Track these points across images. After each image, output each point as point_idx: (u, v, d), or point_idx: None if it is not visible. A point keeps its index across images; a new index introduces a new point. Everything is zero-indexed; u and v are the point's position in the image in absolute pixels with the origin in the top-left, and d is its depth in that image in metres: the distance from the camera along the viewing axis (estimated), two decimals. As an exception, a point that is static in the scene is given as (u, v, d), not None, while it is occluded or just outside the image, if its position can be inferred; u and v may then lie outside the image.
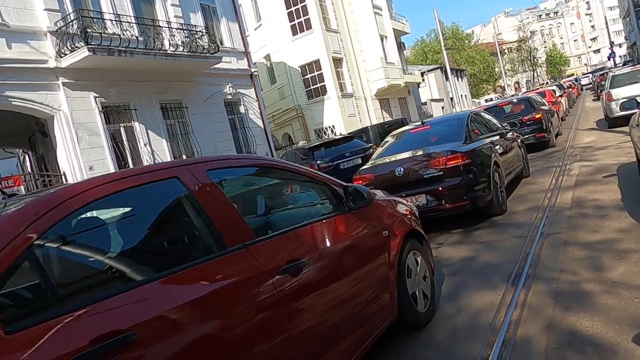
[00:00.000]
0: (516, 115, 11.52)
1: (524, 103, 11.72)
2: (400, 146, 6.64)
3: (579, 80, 50.79)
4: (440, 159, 5.55)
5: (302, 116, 25.15)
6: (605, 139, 11.17)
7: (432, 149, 5.90)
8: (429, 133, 6.64)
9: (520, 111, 11.61)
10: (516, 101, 11.98)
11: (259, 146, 17.47)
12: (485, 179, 5.77)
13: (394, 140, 7.04)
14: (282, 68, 25.62)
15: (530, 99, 11.67)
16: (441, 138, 6.31)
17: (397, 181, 5.75)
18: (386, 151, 6.66)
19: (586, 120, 17.29)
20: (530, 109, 11.44)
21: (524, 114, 11.41)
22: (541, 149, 11.72)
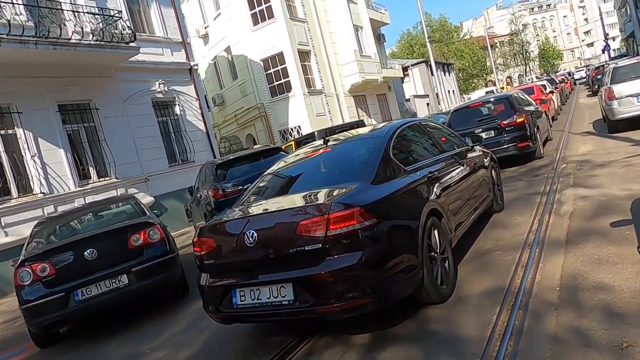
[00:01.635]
0: (493, 120, 9.00)
1: (502, 103, 9.19)
2: (280, 184, 4.09)
3: (572, 74, 48.47)
4: (318, 218, 2.99)
5: (265, 115, 22.55)
6: (606, 149, 8.67)
7: (314, 197, 3.36)
8: (326, 160, 4.09)
9: (499, 114, 9.09)
10: (493, 101, 9.46)
11: (200, 153, 14.87)
12: (408, 249, 3.24)
13: (280, 170, 4.43)
14: (243, 62, 22.98)
15: (510, 98, 9.13)
16: (340, 172, 3.78)
17: (246, 256, 3.21)
18: (256, 193, 4.06)
19: (581, 121, 14.81)
20: (510, 111, 8.92)
21: (502, 118, 8.89)
22: (524, 162, 9.21)
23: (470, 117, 9.36)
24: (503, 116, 8.90)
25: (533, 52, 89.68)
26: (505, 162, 9.28)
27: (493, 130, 8.89)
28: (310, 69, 22.96)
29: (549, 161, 8.93)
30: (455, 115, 9.57)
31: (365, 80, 24.96)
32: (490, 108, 9.40)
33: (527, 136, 8.80)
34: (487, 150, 6.10)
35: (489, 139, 8.93)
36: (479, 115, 9.29)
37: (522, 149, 8.79)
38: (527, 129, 8.81)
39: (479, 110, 9.46)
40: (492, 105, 9.38)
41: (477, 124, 9.06)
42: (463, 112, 9.60)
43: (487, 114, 9.30)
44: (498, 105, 9.27)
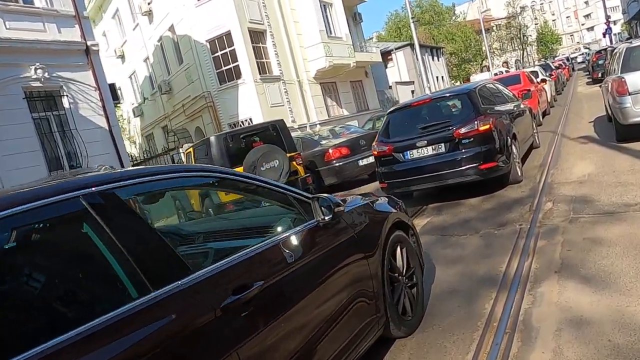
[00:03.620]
0: (444, 127, 5.88)
1: (460, 101, 6.08)
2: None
3: (571, 59, 45.20)
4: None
5: (213, 106, 19.38)
6: (616, 171, 5.63)
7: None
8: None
9: (454, 118, 5.98)
10: (448, 96, 6.31)
11: (99, 156, 11.76)
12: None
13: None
14: (187, 43, 19.72)
15: (472, 94, 5.98)
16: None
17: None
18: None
19: (578, 117, 11.71)
20: (470, 114, 5.80)
21: (458, 124, 5.77)
22: (490, 190, 6.17)
23: (412, 123, 6.26)
24: (459, 122, 5.79)
25: (531, 36, 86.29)
26: (462, 187, 6.22)
27: (444, 144, 5.81)
28: (265, 52, 19.72)
29: (528, 190, 5.87)
30: (392, 120, 6.48)
31: (333, 65, 21.73)
32: (442, 108, 6.28)
33: (494, 152, 5.73)
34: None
35: (437, 156, 5.86)
36: (425, 119, 6.18)
37: (486, 172, 5.71)
38: (494, 142, 5.73)
39: (425, 111, 6.33)
40: (445, 104, 6.26)
41: (421, 134, 5.97)
42: (403, 116, 6.50)
43: (436, 117, 6.19)
44: (453, 105, 6.15)
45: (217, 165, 7.97)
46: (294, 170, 8.55)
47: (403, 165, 6.10)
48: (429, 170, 5.89)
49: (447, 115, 6.10)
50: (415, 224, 5.59)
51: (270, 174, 7.95)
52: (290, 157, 8.51)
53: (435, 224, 5.38)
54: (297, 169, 8.63)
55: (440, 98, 6.32)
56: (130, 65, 26.07)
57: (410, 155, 6.03)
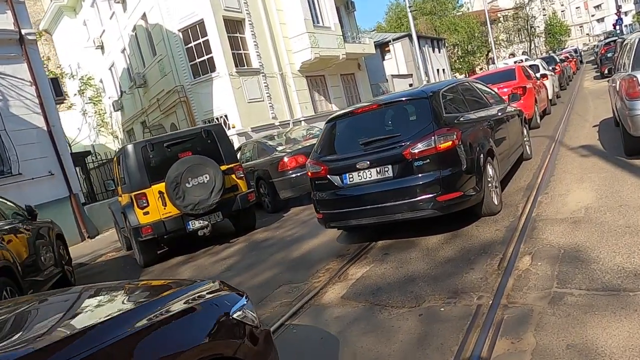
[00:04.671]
0: (392, 143, 4.38)
1: (416, 105, 4.56)
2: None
3: (579, 51, 43.21)
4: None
5: (187, 101, 17.92)
6: (624, 205, 4.14)
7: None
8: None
9: (406, 128, 4.47)
10: (403, 100, 4.75)
11: (34, 161, 10.38)
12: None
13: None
14: (159, 33, 18.23)
15: (434, 99, 4.42)
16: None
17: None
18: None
19: (582, 120, 10.16)
20: (428, 126, 4.28)
21: (410, 138, 4.27)
22: (457, 224, 4.70)
23: (353, 136, 4.77)
24: (412, 136, 4.29)
25: (539, 27, 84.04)
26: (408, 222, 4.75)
27: (391, 166, 4.32)
28: (243, 43, 18.20)
29: (504, 228, 4.39)
30: (329, 132, 4.98)
31: (319, 57, 20.18)
32: (393, 118, 4.77)
33: (459, 178, 4.24)
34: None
35: (383, 183, 4.37)
36: (369, 132, 4.69)
37: (447, 205, 4.22)
38: (460, 163, 4.25)
39: (370, 121, 4.82)
40: (397, 111, 4.74)
41: (362, 152, 4.48)
42: (343, 126, 4.99)
43: (383, 130, 4.69)
44: (407, 113, 4.65)
45: (134, 181, 6.54)
46: (232, 186, 7.09)
47: (341, 192, 4.63)
48: (372, 200, 4.42)
49: (398, 126, 4.59)
50: (348, 275, 4.14)
51: (198, 191, 6.50)
52: (228, 169, 7.05)
53: (370, 281, 3.92)
54: (237, 184, 7.16)
55: (390, 103, 4.79)
56: (110, 56, 24.65)
57: (349, 179, 4.55)
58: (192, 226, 6.69)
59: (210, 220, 6.75)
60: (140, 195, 6.48)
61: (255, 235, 7.26)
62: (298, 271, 4.71)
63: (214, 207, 6.61)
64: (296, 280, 4.43)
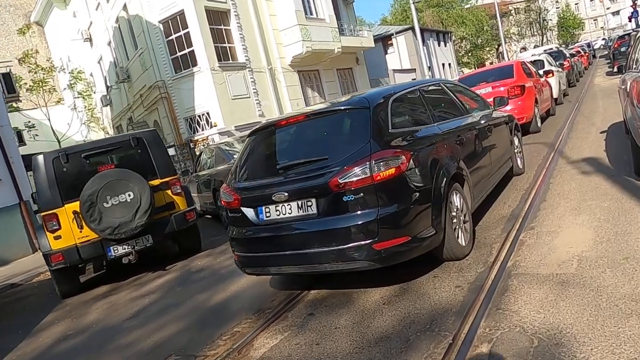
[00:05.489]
0: (317, 170, 3.27)
1: (354, 118, 3.38)
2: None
3: (592, 46, 41.51)
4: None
5: (168, 97, 16.88)
6: (631, 257, 2.99)
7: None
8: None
9: (337, 148, 3.34)
10: (339, 110, 3.49)
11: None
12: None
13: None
14: (139, 24, 17.18)
15: (376, 107, 3.24)
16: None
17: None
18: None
19: (589, 122, 8.93)
20: (364, 144, 3.15)
21: (339, 162, 3.15)
22: (411, 270, 3.57)
23: (273, 157, 3.68)
24: (342, 160, 3.17)
25: (551, 20, 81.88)
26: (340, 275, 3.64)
27: (315, 200, 3.21)
28: (228, 36, 17.09)
29: (467, 284, 3.26)
30: (249, 150, 3.83)
31: (311, 51, 19.01)
32: (323, 133, 3.61)
33: (404, 217, 3.12)
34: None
35: (305, 221, 3.28)
36: (292, 151, 3.58)
37: (388, 254, 3.10)
38: (408, 198, 3.13)
39: (295, 137, 3.68)
40: (329, 125, 3.57)
41: (281, 179, 3.38)
42: (264, 142, 3.83)
43: (309, 150, 3.55)
44: (342, 126, 3.51)
45: (44, 199, 5.49)
46: (166, 204, 6.01)
47: (256, 230, 3.53)
48: (292, 244, 3.33)
49: (328, 146, 3.46)
50: (251, 348, 3.05)
51: (119, 212, 5.44)
52: (162, 184, 5.97)
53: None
54: (173, 201, 6.09)
55: (321, 114, 3.65)
56: (97, 49, 23.67)
57: (265, 214, 3.45)
58: (114, 253, 5.63)
59: (136, 245, 5.68)
60: (51, 217, 5.44)
61: (195, 261, 6.19)
62: (203, 331, 3.64)
63: (139, 230, 5.54)
64: (190, 348, 3.35)
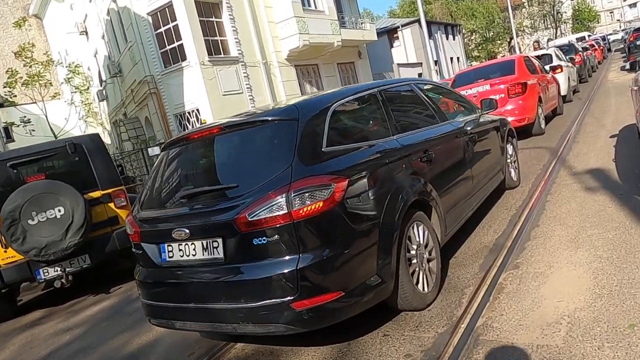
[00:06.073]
0: (224, 202, 2.50)
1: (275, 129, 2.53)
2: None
3: (607, 39, 39.99)
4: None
5: (157, 93, 16.19)
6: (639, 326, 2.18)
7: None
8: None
9: (252, 173, 2.56)
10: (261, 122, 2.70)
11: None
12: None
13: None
14: (128, 16, 16.48)
15: (313, 119, 2.47)
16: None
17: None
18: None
19: (598, 123, 8.04)
20: (284, 167, 2.38)
21: (250, 193, 2.38)
22: (358, 325, 2.78)
23: (180, 180, 2.91)
24: (255, 190, 2.40)
25: (566, 13, 79.90)
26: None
27: (221, 241, 2.44)
28: (220, 28, 16.32)
29: (418, 355, 2.48)
30: (161, 168, 3.05)
31: (309, 44, 18.17)
32: (240, 151, 2.78)
33: (335, 266, 2.35)
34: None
35: (211, 267, 2.53)
36: (200, 174, 2.81)
37: (310, 316, 2.33)
38: (341, 240, 2.36)
39: (206, 155, 2.85)
40: (248, 140, 2.77)
41: (186, 210, 2.62)
42: (173, 161, 3.00)
43: (218, 174, 2.77)
44: (261, 143, 2.71)
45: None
46: (107, 219, 5.29)
47: (159, 273, 2.78)
48: (196, 296, 2.58)
49: (242, 169, 2.66)
50: None
51: (47, 230, 4.73)
52: (103, 196, 5.25)
53: None
54: (116, 216, 5.36)
55: (240, 126, 2.82)
56: (92, 43, 23.07)
57: (169, 253, 2.70)
58: (44, 275, 4.93)
59: (71, 267, 4.98)
60: (-31, 235, 4.75)
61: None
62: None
63: (72, 250, 4.83)
64: None
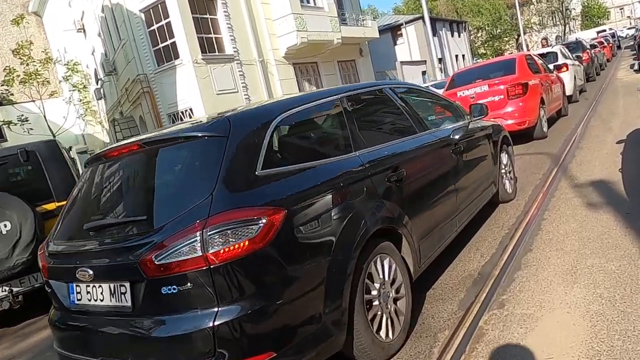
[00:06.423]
0: (131, 239, 2.03)
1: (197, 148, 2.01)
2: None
3: (617, 35, 39.16)
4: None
5: (150, 92, 15.80)
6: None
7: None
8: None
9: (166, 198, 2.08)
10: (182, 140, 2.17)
11: None
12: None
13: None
14: (120, 13, 16.10)
15: (251, 135, 2.02)
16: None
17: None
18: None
19: (605, 126, 7.51)
20: (204, 197, 1.91)
21: (160, 228, 1.93)
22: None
23: (92, 208, 2.45)
24: (166, 227, 1.93)
25: (574, 9, 78.78)
26: None
27: (129, 285, 2.00)
28: (215, 26, 15.89)
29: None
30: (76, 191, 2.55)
31: (307, 42, 17.69)
32: (157, 174, 2.31)
33: (263, 320, 1.89)
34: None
35: (117, 315, 2.08)
36: (112, 204, 2.34)
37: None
38: (276, 289, 1.90)
39: (123, 178, 2.39)
40: (168, 160, 2.26)
41: (94, 246, 2.17)
42: (90, 183, 2.53)
43: (134, 202, 2.29)
44: (182, 165, 2.23)
45: None
46: (63, 233, 4.86)
47: (68, 316, 2.33)
48: (104, 349, 2.13)
49: (156, 197, 2.16)
50: None
51: (-9, 247, 4.31)
52: (57, 208, 4.81)
53: None
54: (73, 229, 4.93)
55: (160, 143, 2.27)
56: (90, 40, 22.71)
57: (77, 295, 2.25)
58: (-12, 296, 4.52)
59: (17, 287, 4.55)
60: None
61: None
62: None
63: (19, 268, 4.41)
64: None
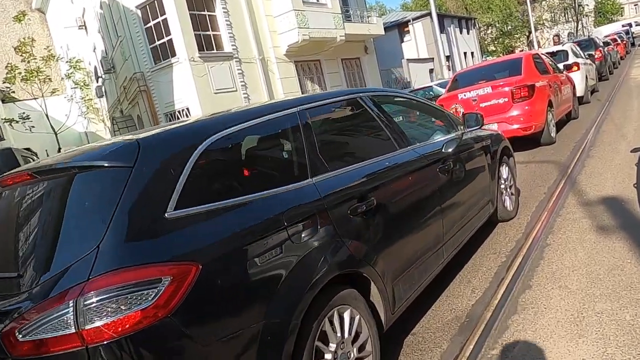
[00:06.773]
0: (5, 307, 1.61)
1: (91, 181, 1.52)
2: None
3: (631, 32, 38.15)
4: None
5: (147, 91, 15.42)
6: None
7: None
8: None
9: (45, 251, 1.67)
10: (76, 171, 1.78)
11: None
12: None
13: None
14: (117, 10, 15.72)
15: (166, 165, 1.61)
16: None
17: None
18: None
19: (618, 133, 6.95)
20: (88, 251, 1.46)
21: (29, 290, 1.49)
22: None
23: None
24: (41, 287, 1.46)
25: (587, 5, 77.36)
26: None
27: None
28: (213, 22, 15.46)
29: None
30: None
31: (309, 39, 17.21)
32: (47, 214, 1.79)
33: None
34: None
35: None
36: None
37: None
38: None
39: (5, 216, 1.95)
40: (58, 198, 1.73)
41: None
42: None
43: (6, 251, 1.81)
44: (73, 204, 1.69)
45: None
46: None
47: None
48: None
49: (39, 246, 1.69)
50: None
51: None
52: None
53: None
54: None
55: (53, 173, 1.77)
56: (90, 37, 22.43)
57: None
58: None
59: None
60: None
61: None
62: None
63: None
64: None
